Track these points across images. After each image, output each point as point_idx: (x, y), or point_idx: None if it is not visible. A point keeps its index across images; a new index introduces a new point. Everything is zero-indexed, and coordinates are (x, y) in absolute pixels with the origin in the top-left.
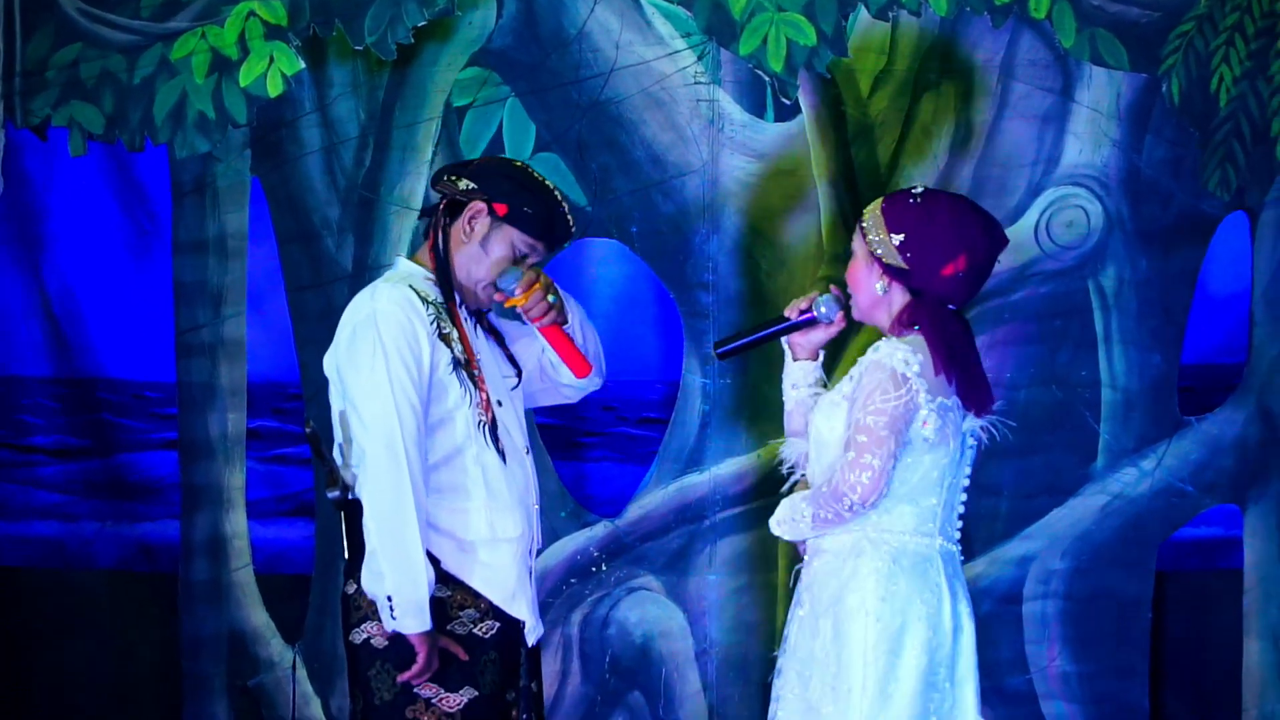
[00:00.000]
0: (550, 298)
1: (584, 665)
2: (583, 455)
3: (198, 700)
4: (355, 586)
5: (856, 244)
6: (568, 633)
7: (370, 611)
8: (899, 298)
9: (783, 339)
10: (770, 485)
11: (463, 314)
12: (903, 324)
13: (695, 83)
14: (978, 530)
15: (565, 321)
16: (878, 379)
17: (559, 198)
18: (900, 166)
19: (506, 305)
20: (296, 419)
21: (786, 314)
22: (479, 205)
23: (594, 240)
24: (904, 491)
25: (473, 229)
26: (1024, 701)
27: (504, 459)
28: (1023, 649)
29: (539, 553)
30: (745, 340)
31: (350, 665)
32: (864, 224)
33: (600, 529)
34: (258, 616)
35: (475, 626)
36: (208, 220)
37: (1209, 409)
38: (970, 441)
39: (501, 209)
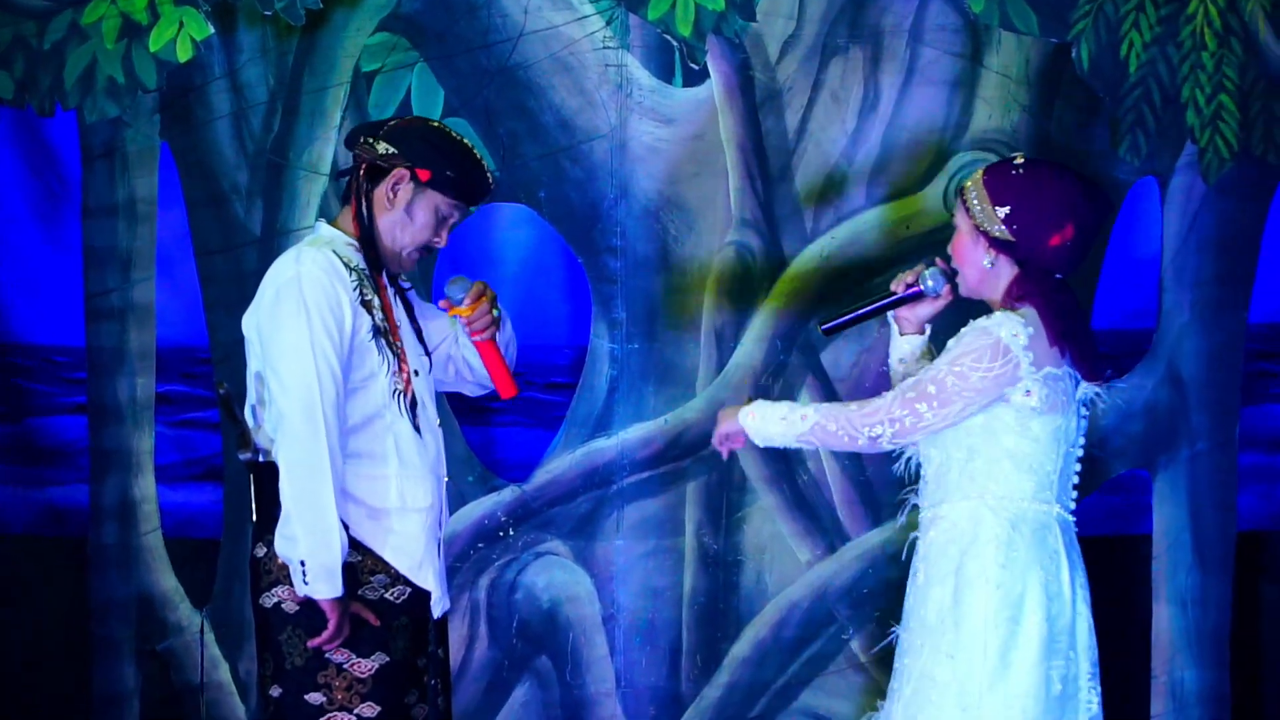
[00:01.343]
0: (494, 312)
1: (491, 630)
2: (490, 420)
3: (106, 664)
4: (265, 550)
5: (960, 219)
6: (475, 597)
7: (281, 575)
8: (1006, 270)
9: (889, 314)
10: (679, 450)
11: (385, 280)
12: (1013, 297)
13: (604, 48)
14: (885, 495)
15: (499, 334)
16: (979, 344)
17: (478, 156)
18: (809, 132)
19: (450, 314)
20: (205, 383)
21: (893, 288)
22: (401, 172)
23: (502, 205)
24: (1021, 458)
25: (396, 195)
26: None
27: (418, 429)
28: None
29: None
30: (851, 316)
31: (259, 629)
32: (966, 198)
33: (508, 494)
34: (166, 581)
35: (386, 592)
36: (117, 185)
37: (1118, 374)
38: (1084, 411)
39: (425, 174)
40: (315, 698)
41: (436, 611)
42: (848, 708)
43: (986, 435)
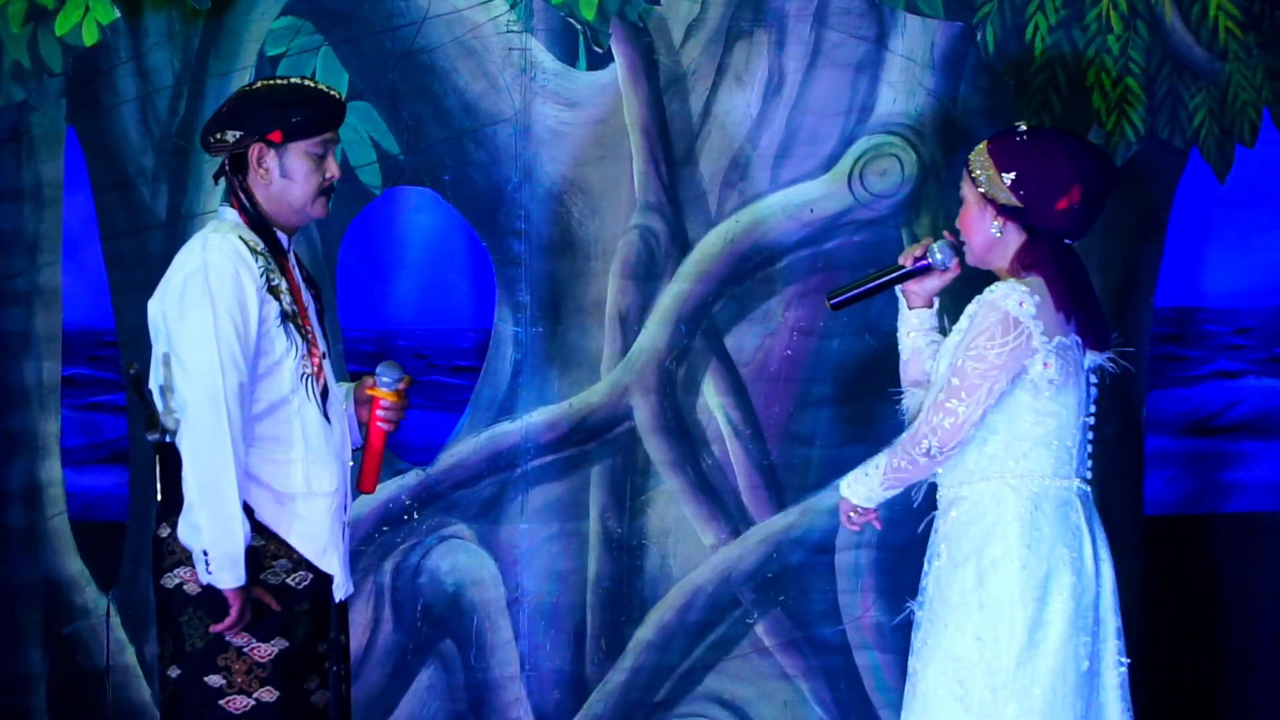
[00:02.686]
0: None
1: (396, 613)
2: None
3: (12, 647)
4: (169, 530)
5: (966, 190)
6: (379, 581)
7: (184, 557)
8: (1014, 238)
9: (897, 288)
10: (583, 433)
11: (292, 262)
12: (1021, 264)
13: (508, 31)
14: (790, 479)
15: (396, 430)
16: (989, 321)
17: (311, 86)
18: (713, 115)
19: (369, 392)
20: (111, 366)
21: (901, 261)
22: (258, 147)
23: (407, 188)
24: (1040, 434)
25: (266, 168)
26: (837, 652)
27: (325, 413)
28: (836, 599)
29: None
30: (860, 290)
31: (160, 609)
32: (971, 169)
33: (412, 477)
34: (72, 564)
35: (288, 577)
36: (23, 169)
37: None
38: (1093, 379)
39: (276, 136)
40: (214, 680)
41: (339, 595)
42: (752, 692)
43: (1004, 414)
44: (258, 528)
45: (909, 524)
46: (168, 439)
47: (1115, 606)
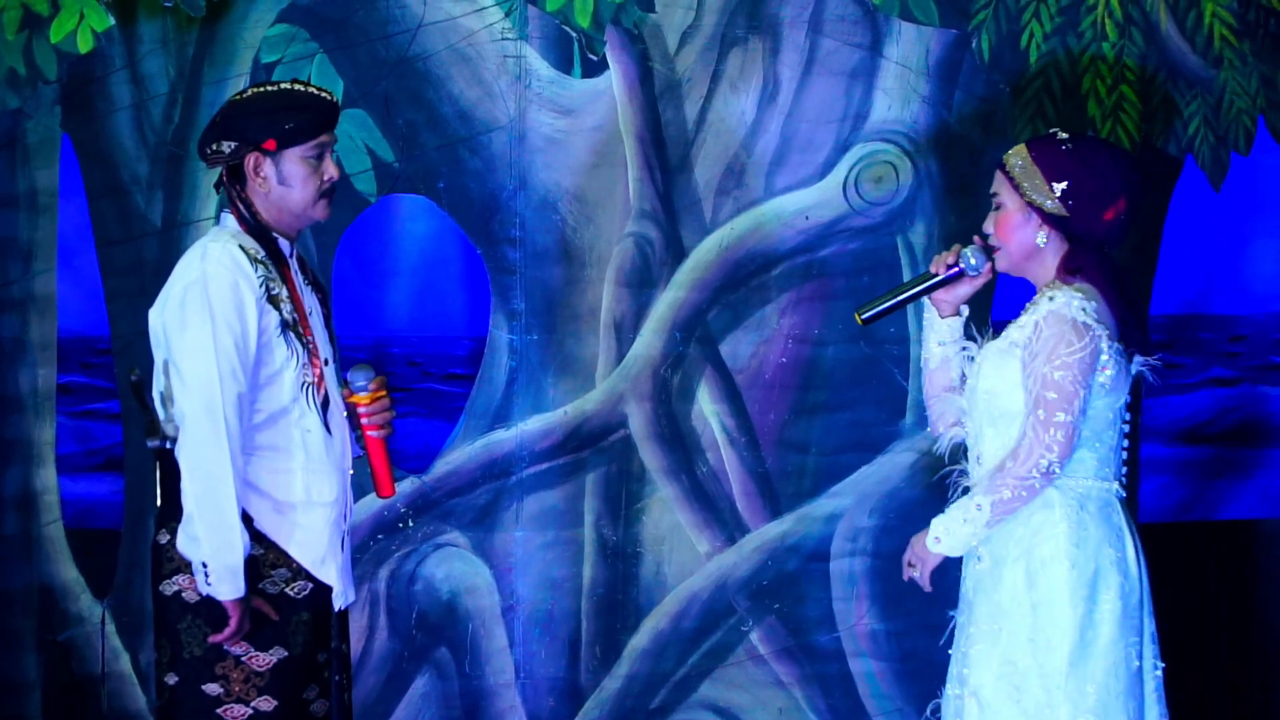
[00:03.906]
0: (390, 411)
1: (391, 621)
2: None
3: (7, 654)
4: (168, 537)
5: (1007, 196)
6: (374, 588)
7: (182, 564)
8: (1056, 246)
9: (926, 298)
10: (578, 441)
11: (294, 269)
12: (1068, 270)
13: (502, 39)
14: (784, 487)
15: (391, 434)
16: (1060, 331)
17: (302, 90)
18: (708, 122)
19: (348, 400)
20: (106, 374)
21: (933, 269)
22: (254, 157)
23: (401, 196)
24: (1085, 436)
25: (264, 177)
26: (832, 659)
27: (326, 422)
28: (831, 606)
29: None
30: (893, 302)
31: (158, 615)
32: (1012, 175)
33: (407, 484)
34: (68, 571)
35: (287, 586)
36: (18, 176)
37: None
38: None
39: (271, 144)
40: (212, 688)
41: (338, 604)
42: (746, 699)
43: None
44: (257, 537)
45: (903, 531)
46: (168, 445)
47: (1152, 610)
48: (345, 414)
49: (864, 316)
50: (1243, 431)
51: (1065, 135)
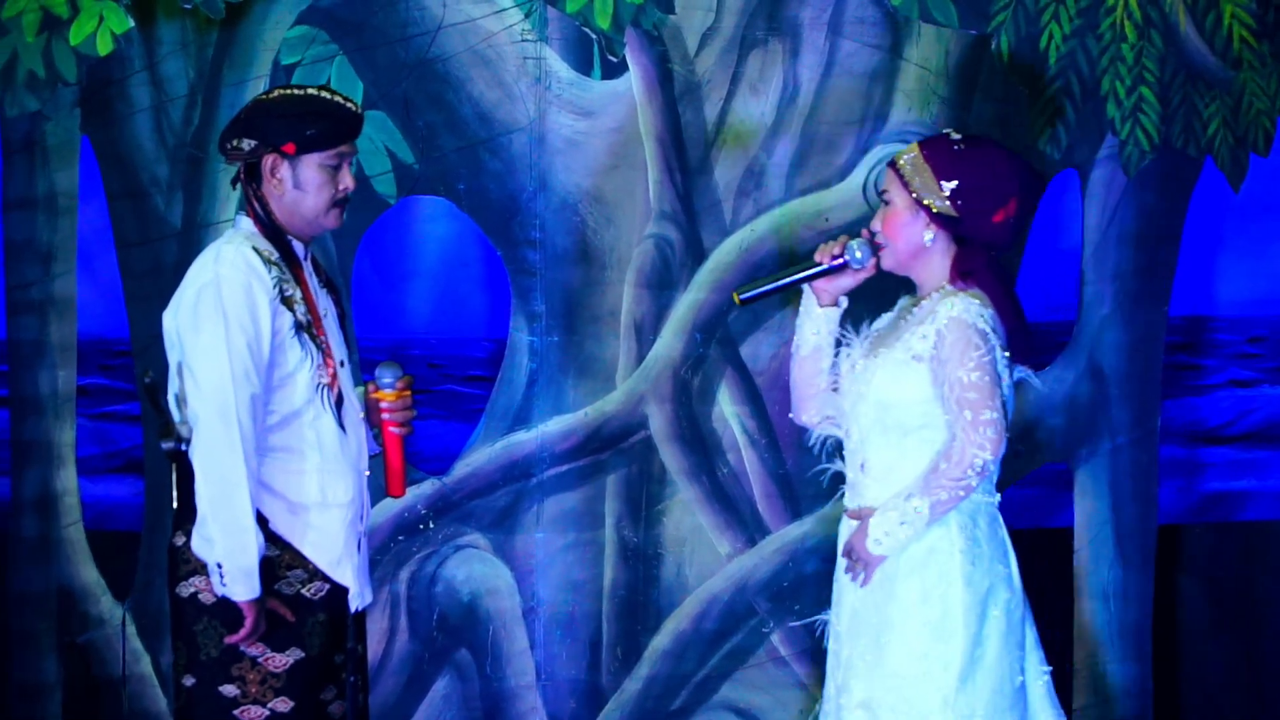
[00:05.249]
0: (413, 410)
1: (411, 623)
2: None
3: (26, 657)
4: (184, 539)
5: (896, 193)
6: (395, 590)
7: (199, 565)
8: (944, 247)
9: (806, 285)
10: (598, 443)
11: (308, 270)
12: (959, 273)
13: (522, 40)
14: (805, 489)
15: (410, 433)
16: (964, 335)
17: (328, 98)
18: (728, 124)
19: (372, 396)
20: (125, 375)
21: (818, 259)
22: (271, 157)
23: (421, 198)
24: None
25: (279, 179)
26: None
27: (341, 423)
28: None
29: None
30: (771, 286)
31: (175, 617)
32: (902, 173)
33: (427, 486)
34: (87, 573)
35: (303, 587)
36: (37, 178)
37: (1038, 367)
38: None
39: (290, 148)
40: (229, 690)
41: (354, 606)
42: (767, 701)
43: (942, 430)
44: (272, 538)
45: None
46: (182, 448)
47: (1032, 619)
48: (363, 414)
49: (743, 297)
50: (1262, 433)
51: (958, 135)
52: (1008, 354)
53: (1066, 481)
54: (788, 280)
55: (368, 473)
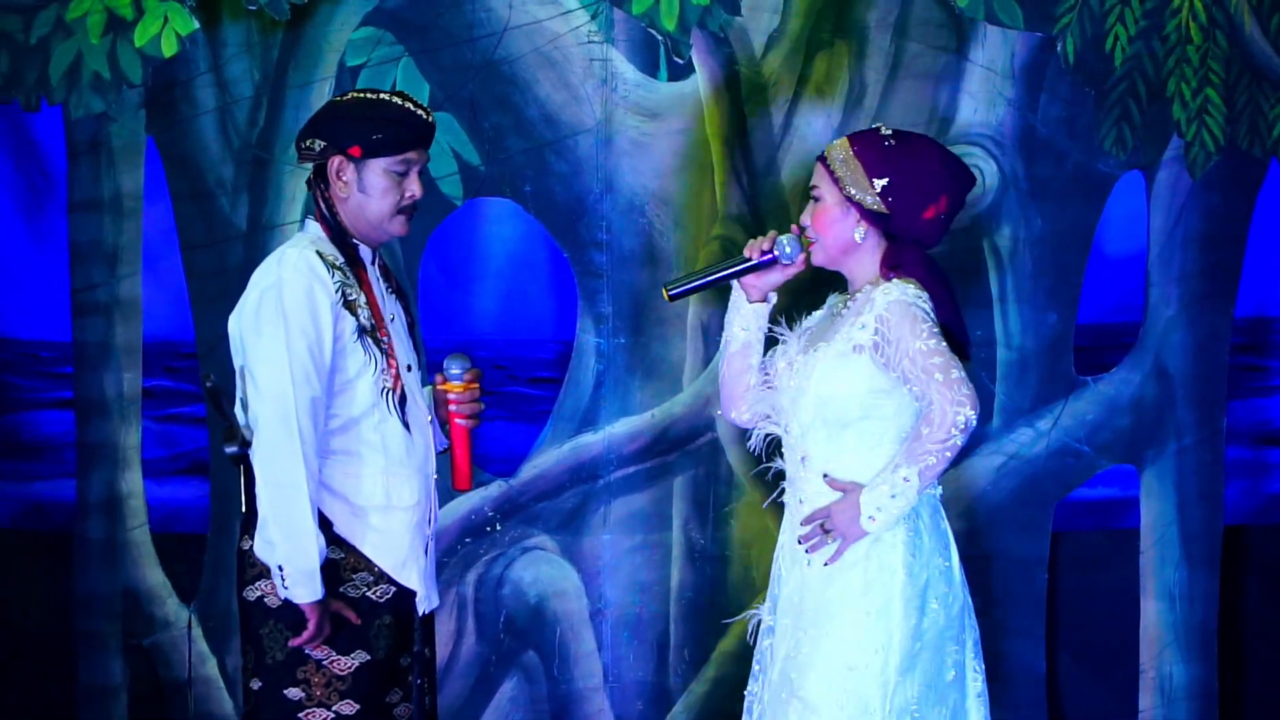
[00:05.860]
0: (481, 405)
1: (478, 625)
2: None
3: (92, 659)
4: (251, 543)
5: (826, 189)
6: (462, 592)
7: (265, 569)
8: (875, 243)
9: (735, 281)
10: (665, 444)
11: (373, 275)
12: (889, 267)
13: (588, 42)
14: None
15: (477, 425)
16: (907, 312)
17: (400, 103)
18: (794, 126)
19: (441, 387)
20: (190, 378)
21: (747, 254)
22: (338, 159)
23: (487, 199)
24: None
25: (345, 181)
26: None
27: (407, 426)
28: None
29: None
30: (700, 281)
31: (243, 621)
32: (833, 168)
33: (494, 488)
34: (153, 575)
35: (369, 590)
36: (103, 180)
37: (1104, 368)
38: None
39: (356, 150)
40: (294, 693)
41: (422, 609)
42: None
43: (884, 421)
44: (335, 541)
45: (991, 534)
46: (246, 451)
47: (973, 614)
48: (430, 417)
49: (671, 293)
50: None
51: (889, 131)
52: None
53: (1132, 483)
54: (717, 275)
55: (435, 476)
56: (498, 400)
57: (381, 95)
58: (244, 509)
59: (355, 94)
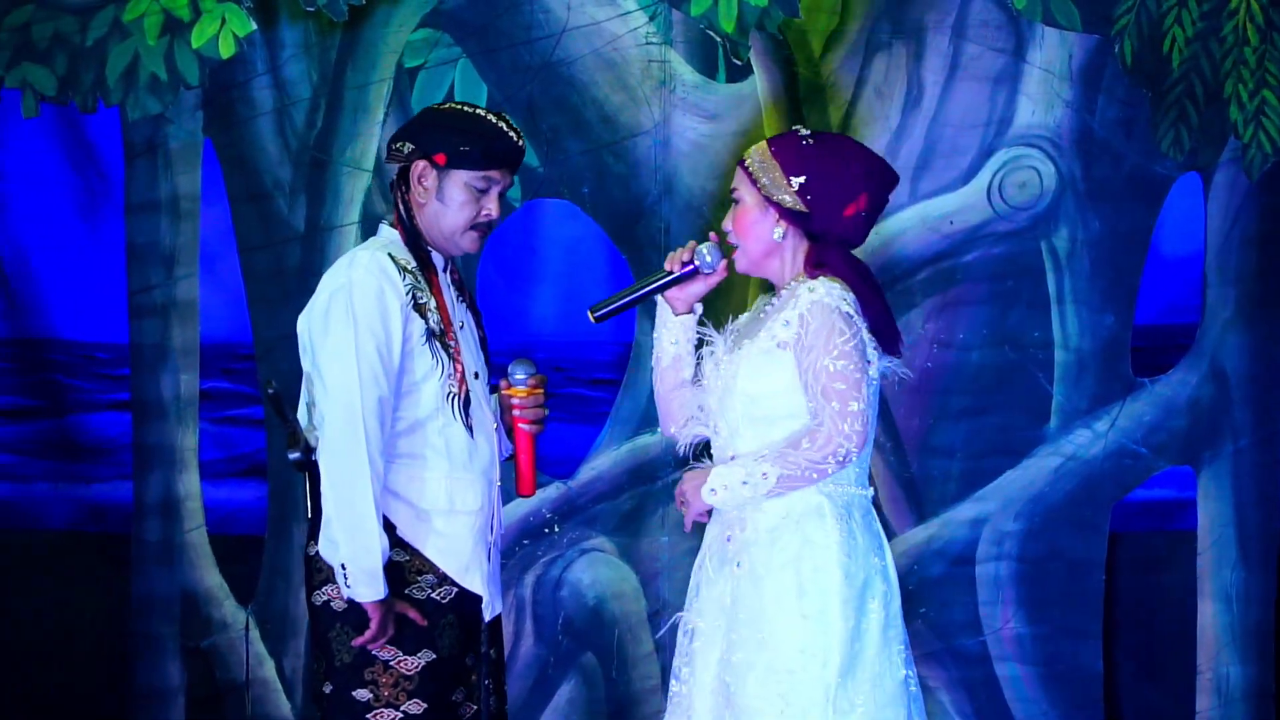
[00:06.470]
0: (544, 406)
1: (537, 626)
2: None
3: (149, 660)
4: (316, 547)
5: (744, 191)
6: (520, 594)
7: (331, 573)
8: (796, 243)
9: (659, 295)
10: None
11: (444, 282)
12: (813, 266)
13: (647, 43)
14: (930, 492)
15: (541, 430)
16: (828, 320)
17: (493, 122)
18: (852, 127)
19: (506, 392)
20: (248, 379)
21: (668, 267)
22: (422, 164)
23: (545, 201)
24: None
25: (425, 187)
26: (978, 663)
27: (471, 432)
28: (976, 611)
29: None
30: (626, 300)
31: (311, 625)
32: (751, 170)
33: (553, 490)
34: (211, 577)
35: (434, 591)
36: (160, 181)
37: (1161, 370)
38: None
39: (441, 158)
40: (362, 694)
41: (487, 615)
42: None
43: (805, 418)
44: (399, 544)
45: (1048, 535)
46: (312, 457)
47: (902, 619)
48: (494, 425)
49: (596, 315)
50: None
51: (807, 132)
52: (874, 340)
53: (1189, 484)
54: (641, 292)
55: (499, 482)
56: (556, 402)
57: (479, 110)
58: (309, 513)
59: (453, 105)
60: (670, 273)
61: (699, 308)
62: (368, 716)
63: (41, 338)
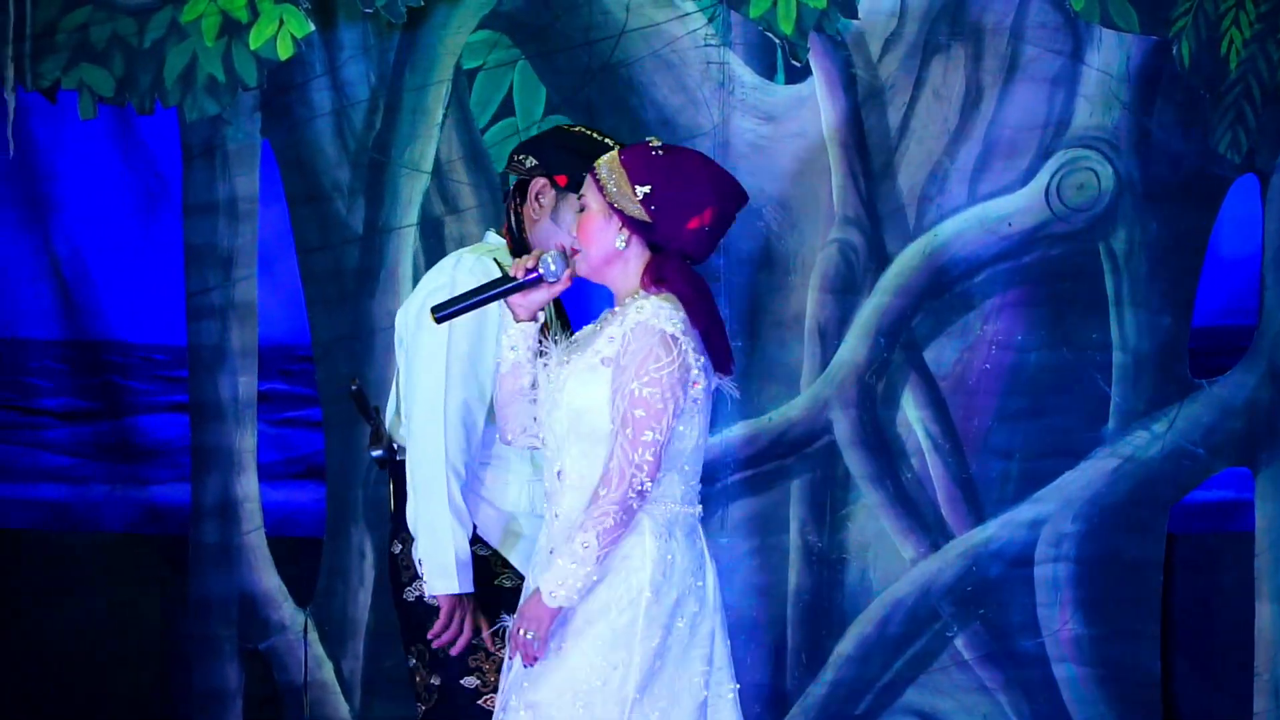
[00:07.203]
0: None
1: None
2: None
3: (207, 662)
4: (400, 547)
5: (591, 197)
6: None
7: (416, 570)
8: (638, 253)
9: (502, 301)
10: (782, 448)
11: None
12: (652, 279)
13: (705, 45)
14: (989, 493)
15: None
16: (648, 344)
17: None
18: (910, 129)
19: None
20: (305, 381)
21: (512, 273)
22: (542, 181)
23: None
24: (672, 459)
25: (541, 205)
26: (1035, 664)
27: None
28: (1034, 612)
29: None
30: (467, 303)
31: (405, 623)
32: (599, 176)
33: None
34: (269, 579)
35: (522, 583)
36: (218, 183)
37: (1219, 371)
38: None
39: (562, 180)
40: (470, 682)
41: None
42: (950, 705)
43: None
44: (480, 542)
45: (1106, 537)
46: (397, 456)
47: (726, 634)
48: None
49: (437, 316)
50: None
51: (659, 143)
52: (703, 359)
53: (1247, 486)
54: (483, 296)
55: None
56: None
57: (606, 139)
58: (393, 511)
59: (583, 128)
60: (514, 279)
61: (541, 316)
62: (478, 703)
63: (99, 339)
